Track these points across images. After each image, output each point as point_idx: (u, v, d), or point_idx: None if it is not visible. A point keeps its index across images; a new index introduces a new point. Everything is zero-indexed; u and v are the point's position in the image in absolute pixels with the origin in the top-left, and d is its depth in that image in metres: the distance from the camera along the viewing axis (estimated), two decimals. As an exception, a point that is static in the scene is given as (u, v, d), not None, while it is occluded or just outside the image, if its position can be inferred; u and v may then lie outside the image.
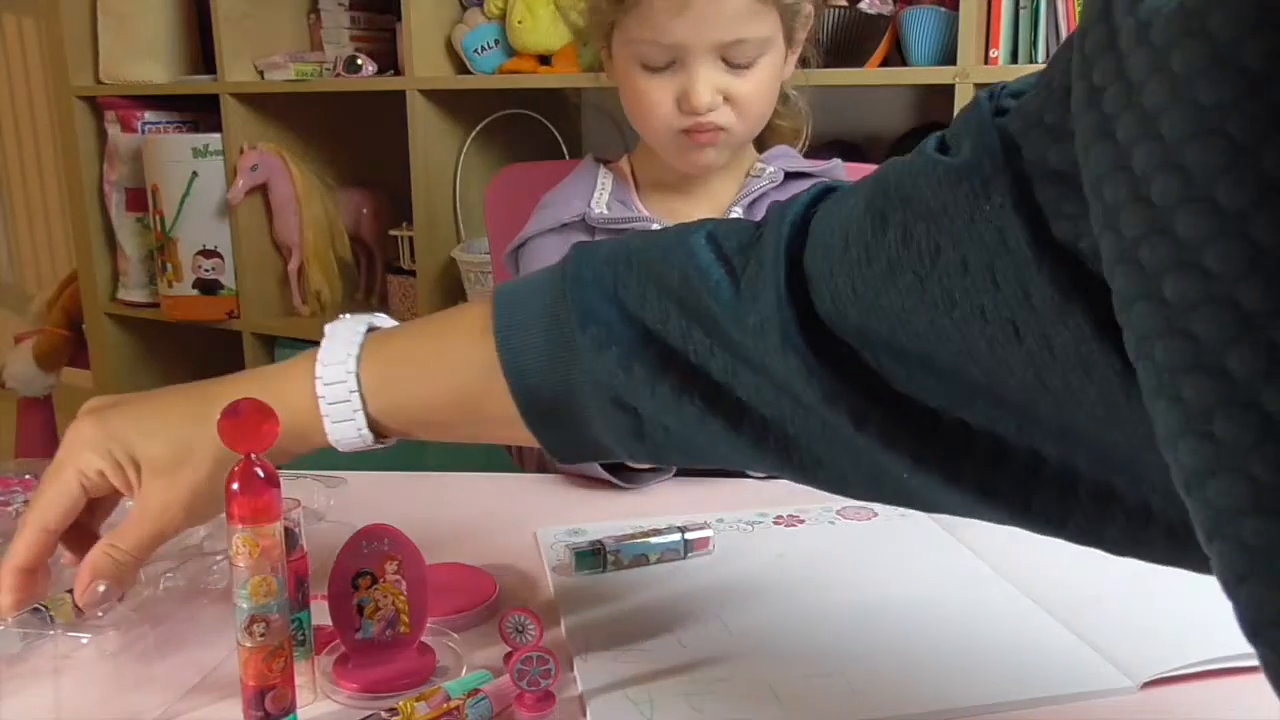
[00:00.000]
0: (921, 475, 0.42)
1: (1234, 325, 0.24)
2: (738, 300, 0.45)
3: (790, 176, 1.04)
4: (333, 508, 0.75)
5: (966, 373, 0.39)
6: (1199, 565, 0.28)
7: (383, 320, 0.57)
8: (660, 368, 0.47)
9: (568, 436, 0.52)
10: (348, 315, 0.56)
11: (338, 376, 0.53)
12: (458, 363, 0.53)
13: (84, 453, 0.54)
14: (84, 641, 0.56)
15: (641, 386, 0.47)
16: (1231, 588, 0.25)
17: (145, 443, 0.54)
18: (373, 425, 0.54)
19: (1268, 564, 0.24)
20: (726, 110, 0.97)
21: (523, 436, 0.52)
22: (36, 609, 0.55)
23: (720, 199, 1.05)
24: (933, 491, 0.42)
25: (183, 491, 0.54)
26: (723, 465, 0.51)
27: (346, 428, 0.53)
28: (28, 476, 0.77)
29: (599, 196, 1.04)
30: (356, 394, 0.52)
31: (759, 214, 0.81)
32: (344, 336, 0.54)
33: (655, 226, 1.01)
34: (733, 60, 0.95)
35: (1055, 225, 0.34)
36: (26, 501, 0.64)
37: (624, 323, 0.48)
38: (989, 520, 0.42)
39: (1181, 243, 0.25)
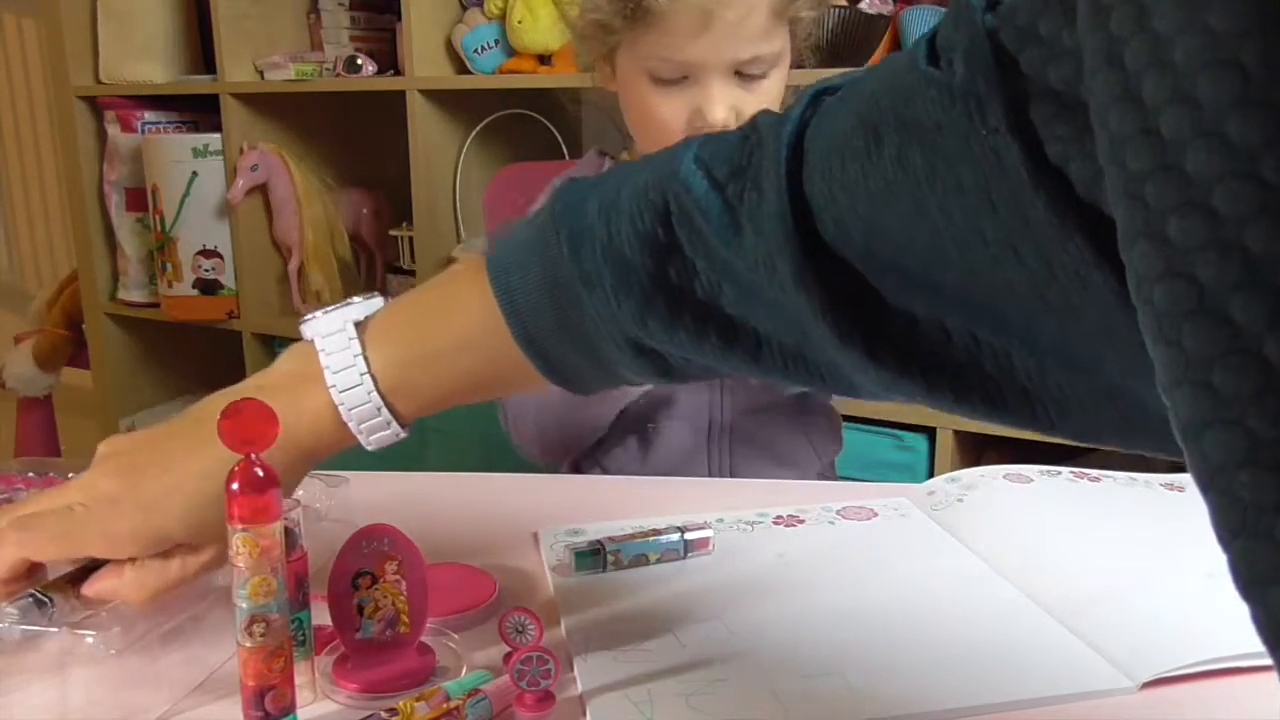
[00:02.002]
0: (935, 399, 0.43)
1: (1239, 270, 0.23)
2: (739, 234, 0.44)
3: None
4: (333, 507, 0.75)
5: (969, 293, 0.39)
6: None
7: (356, 310, 0.56)
8: (673, 313, 0.47)
9: (594, 384, 0.54)
10: (319, 314, 0.56)
11: (360, 400, 0.53)
12: (475, 354, 0.53)
13: (124, 545, 0.53)
14: (89, 640, 0.56)
15: (660, 334, 0.48)
16: (1225, 542, 0.24)
17: (183, 530, 0.53)
18: (401, 422, 0.55)
19: (1260, 519, 0.23)
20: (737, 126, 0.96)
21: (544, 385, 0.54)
22: (35, 598, 0.54)
23: None
24: (945, 406, 0.43)
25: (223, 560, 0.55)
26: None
27: (384, 436, 0.55)
28: (30, 474, 0.77)
29: None
30: (385, 408, 0.53)
31: None
32: (340, 345, 0.54)
33: None
34: (746, 74, 0.95)
35: (1048, 147, 0.33)
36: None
37: (627, 276, 0.47)
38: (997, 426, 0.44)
39: (1190, 180, 0.23)
